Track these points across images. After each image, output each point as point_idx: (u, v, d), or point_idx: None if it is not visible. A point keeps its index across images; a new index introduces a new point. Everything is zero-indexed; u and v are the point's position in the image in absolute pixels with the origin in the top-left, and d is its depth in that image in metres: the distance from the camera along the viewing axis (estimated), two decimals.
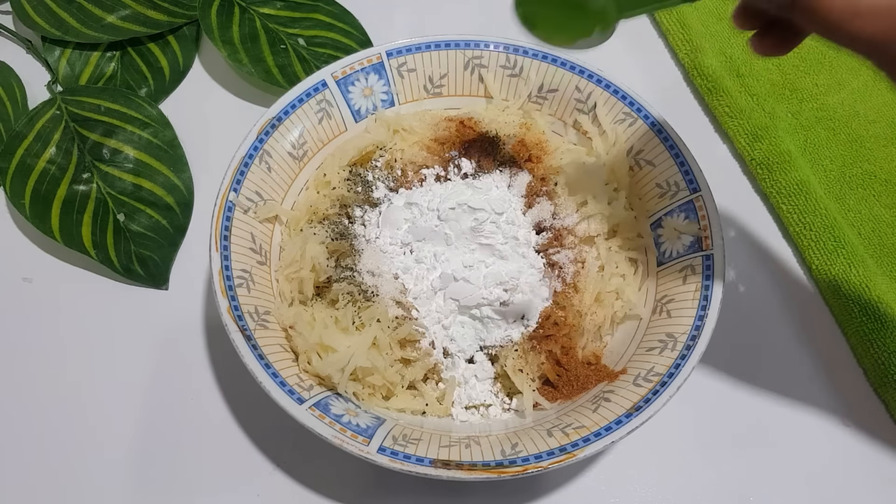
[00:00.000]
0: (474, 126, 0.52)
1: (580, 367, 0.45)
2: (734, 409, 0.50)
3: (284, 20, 0.64)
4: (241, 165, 0.47)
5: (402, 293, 0.46)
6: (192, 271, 0.55)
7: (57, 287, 0.54)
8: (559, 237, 0.48)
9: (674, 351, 0.41)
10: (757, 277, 0.55)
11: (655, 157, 0.49)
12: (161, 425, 0.48)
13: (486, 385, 0.46)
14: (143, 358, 0.51)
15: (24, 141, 0.56)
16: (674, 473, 0.47)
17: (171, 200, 0.57)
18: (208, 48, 0.66)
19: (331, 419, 0.39)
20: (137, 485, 0.46)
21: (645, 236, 0.49)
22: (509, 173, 0.51)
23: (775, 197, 0.57)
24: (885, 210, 0.57)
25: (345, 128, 0.53)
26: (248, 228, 0.46)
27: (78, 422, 0.48)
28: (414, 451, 0.38)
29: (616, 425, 0.39)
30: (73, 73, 0.62)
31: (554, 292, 0.46)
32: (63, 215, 0.54)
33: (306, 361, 0.43)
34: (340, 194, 0.49)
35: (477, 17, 0.68)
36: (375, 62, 0.52)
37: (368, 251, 0.48)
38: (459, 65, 0.54)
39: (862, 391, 0.50)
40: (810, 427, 0.49)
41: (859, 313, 0.51)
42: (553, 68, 0.52)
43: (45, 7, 0.63)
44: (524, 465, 0.37)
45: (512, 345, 0.45)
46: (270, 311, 0.45)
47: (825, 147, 0.60)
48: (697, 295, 0.43)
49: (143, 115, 0.59)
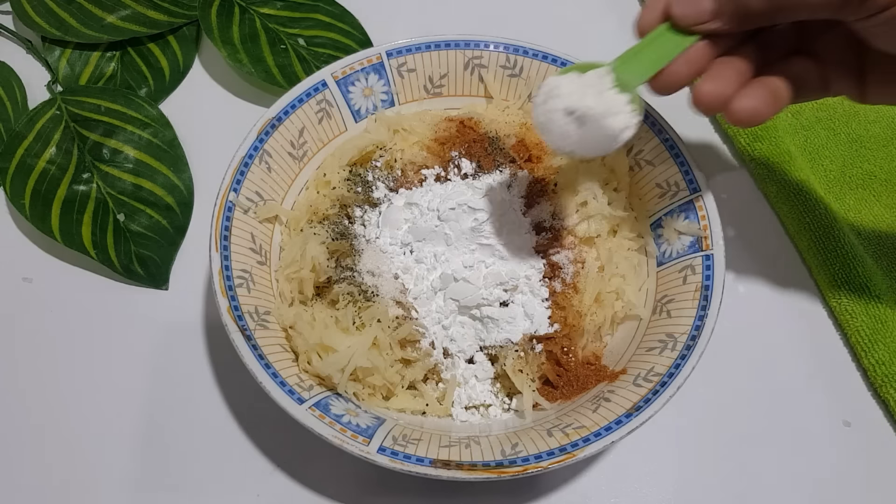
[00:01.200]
0: (474, 126, 0.52)
1: (580, 368, 0.45)
2: (734, 409, 0.50)
3: (284, 20, 0.64)
4: (241, 165, 0.47)
5: (402, 293, 0.46)
6: (192, 271, 0.55)
7: (57, 287, 0.54)
8: (559, 237, 0.48)
9: (674, 351, 0.41)
10: (757, 277, 0.55)
11: (655, 157, 0.49)
12: (161, 425, 0.48)
13: (486, 385, 0.46)
14: (143, 358, 0.51)
15: (24, 141, 0.56)
16: (674, 473, 0.47)
17: (171, 200, 0.57)
18: (208, 48, 0.66)
19: (331, 419, 0.39)
20: (137, 485, 0.46)
21: (645, 236, 0.49)
22: (509, 173, 0.51)
23: (775, 197, 0.57)
24: (885, 210, 0.57)
25: (345, 128, 0.53)
26: (248, 228, 0.46)
27: (78, 422, 0.48)
28: (414, 451, 0.38)
29: (616, 425, 0.39)
30: (73, 73, 0.62)
31: (554, 292, 0.46)
32: (63, 215, 0.54)
33: (306, 361, 0.43)
34: (340, 194, 0.49)
35: (477, 17, 0.68)
36: (375, 62, 0.52)
37: (368, 251, 0.48)
38: (459, 65, 0.54)
39: (862, 391, 0.50)
40: (810, 427, 0.49)
41: (859, 313, 0.51)
42: (553, 68, 0.52)
43: (45, 7, 0.63)
44: (524, 465, 0.37)
45: (512, 345, 0.45)
46: (270, 311, 0.45)
47: (825, 147, 0.60)
48: (697, 295, 0.43)
49: (143, 115, 0.59)
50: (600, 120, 0.38)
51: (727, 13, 0.36)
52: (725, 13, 0.36)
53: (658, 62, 0.38)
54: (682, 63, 0.38)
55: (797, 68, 0.40)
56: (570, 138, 0.39)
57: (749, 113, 0.37)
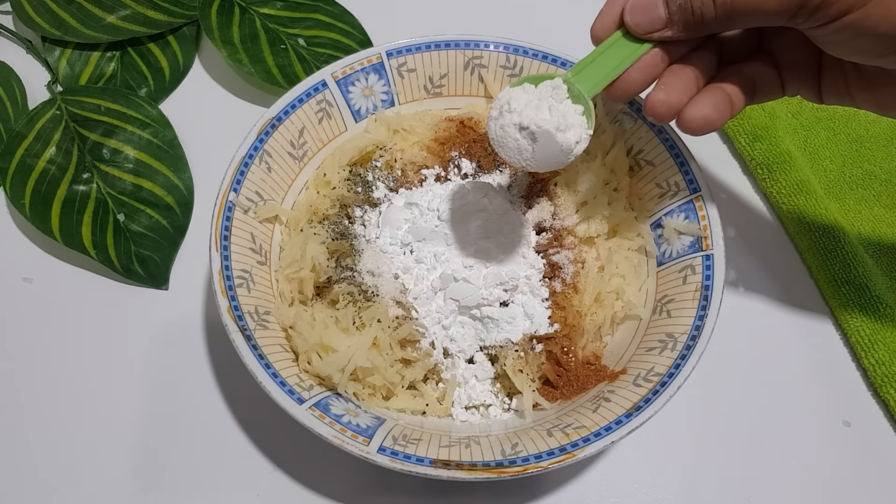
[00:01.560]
0: (474, 126, 0.52)
1: (580, 368, 0.45)
2: (734, 409, 0.50)
3: (284, 20, 0.64)
4: (241, 165, 0.47)
5: (402, 293, 0.46)
6: (192, 271, 0.55)
7: (57, 287, 0.54)
8: (559, 237, 0.48)
9: (674, 351, 0.41)
10: (757, 277, 0.55)
11: (655, 157, 0.49)
12: (161, 425, 0.48)
13: (486, 385, 0.46)
14: (143, 358, 0.51)
15: (24, 141, 0.56)
16: (674, 473, 0.47)
17: (171, 200, 0.57)
18: (208, 48, 0.66)
19: (331, 419, 0.39)
20: (137, 485, 0.46)
21: (645, 236, 0.49)
22: (509, 173, 0.51)
23: (775, 197, 0.57)
24: (885, 210, 0.57)
25: (345, 128, 0.53)
26: (248, 228, 0.46)
27: (77, 421, 0.48)
28: (414, 451, 0.38)
29: (616, 425, 0.39)
30: (73, 73, 0.62)
31: (554, 292, 0.46)
32: (63, 215, 0.54)
33: (306, 361, 0.43)
34: (340, 194, 0.49)
35: (477, 16, 0.68)
36: (375, 62, 0.52)
37: (368, 251, 0.48)
38: (459, 65, 0.54)
39: (862, 391, 0.50)
40: (810, 427, 0.49)
41: (859, 313, 0.51)
42: (553, 68, 0.52)
43: (45, 7, 0.63)
44: (524, 465, 0.37)
45: (512, 345, 0.45)
46: (270, 311, 0.45)
47: (825, 147, 0.60)
48: (697, 295, 0.43)
49: (143, 115, 0.59)
50: (553, 136, 0.38)
51: (680, 21, 0.36)
52: (678, 21, 0.36)
53: (613, 71, 0.38)
54: (637, 71, 0.38)
55: (753, 71, 0.40)
56: (525, 154, 0.39)
57: (700, 122, 0.37)
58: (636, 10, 0.37)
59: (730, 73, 0.39)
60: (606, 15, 0.38)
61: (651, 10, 0.36)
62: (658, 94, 0.38)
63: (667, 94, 0.37)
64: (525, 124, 0.38)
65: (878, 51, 0.33)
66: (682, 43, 0.38)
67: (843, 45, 0.34)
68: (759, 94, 0.40)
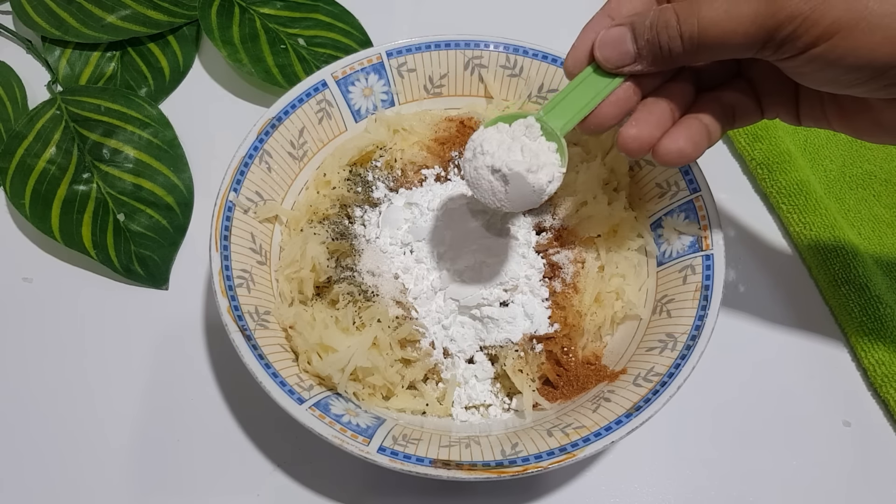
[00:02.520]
0: (475, 126, 0.52)
1: (580, 367, 0.45)
2: (734, 409, 0.50)
3: (284, 20, 0.64)
4: (241, 165, 0.47)
5: (402, 293, 0.46)
6: (192, 271, 0.55)
7: (57, 287, 0.54)
8: (559, 237, 0.48)
9: (674, 351, 0.41)
10: (757, 277, 0.55)
11: None
12: (161, 425, 0.48)
13: (486, 385, 0.46)
14: (143, 358, 0.51)
15: (24, 141, 0.56)
16: (674, 473, 0.47)
17: (171, 200, 0.57)
18: (208, 48, 0.66)
19: (331, 419, 0.39)
20: (137, 485, 0.46)
21: (645, 236, 0.49)
22: None
23: (775, 197, 0.57)
24: (885, 210, 0.57)
25: (345, 128, 0.53)
26: (248, 228, 0.46)
27: (77, 421, 0.48)
28: (414, 451, 0.38)
29: (616, 425, 0.39)
30: (73, 73, 0.62)
31: (554, 292, 0.46)
32: (63, 215, 0.54)
33: (306, 361, 0.43)
34: (340, 194, 0.49)
35: (477, 17, 0.68)
36: (375, 62, 0.52)
37: (368, 251, 0.48)
38: (459, 65, 0.54)
39: (862, 391, 0.50)
40: (810, 427, 0.49)
41: (859, 313, 0.51)
42: (553, 68, 0.52)
43: (45, 7, 0.63)
44: (524, 465, 0.37)
45: (512, 345, 0.45)
46: (270, 311, 0.45)
47: (825, 147, 0.60)
48: (697, 295, 0.43)
49: (143, 115, 0.59)
50: (524, 177, 0.37)
51: (648, 55, 0.36)
52: (647, 55, 0.36)
53: (586, 107, 0.38)
54: (610, 105, 0.38)
55: (731, 98, 0.39)
56: (498, 195, 0.39)
57: (675, 156, 0.37)
58: (605, 45, 0.37)
59: (708, 100, 0.39)
60: (578, 49, 0.38)
61: (620, 44, 0.36)
62: (630, 129, 0.37)
63: (638, 129, 0.37)
64: (497, 166, 0.38)
65: (846, 82, 0.33)
66: (656, 75, 0.38)
67: (812, 76, 0.34)
68: (739, 120, 0.40)
